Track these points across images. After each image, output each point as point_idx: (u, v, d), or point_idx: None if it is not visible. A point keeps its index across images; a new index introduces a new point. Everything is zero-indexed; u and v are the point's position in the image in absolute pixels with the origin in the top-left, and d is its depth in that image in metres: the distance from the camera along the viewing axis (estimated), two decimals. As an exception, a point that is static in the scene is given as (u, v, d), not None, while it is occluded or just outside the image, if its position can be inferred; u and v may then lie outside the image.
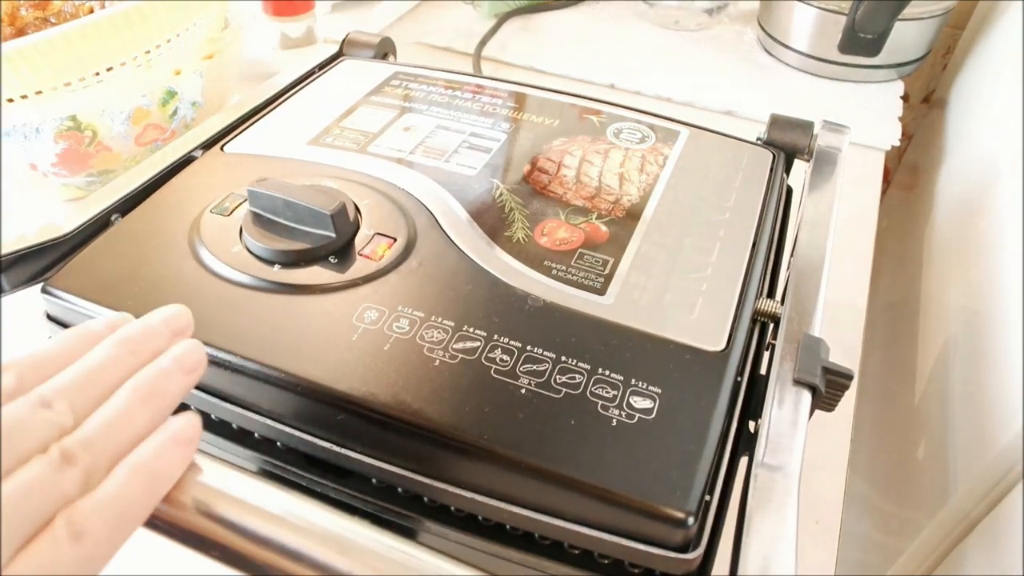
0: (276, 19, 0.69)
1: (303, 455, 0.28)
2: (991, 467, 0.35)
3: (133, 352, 0.23)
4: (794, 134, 0.42)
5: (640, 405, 0.26)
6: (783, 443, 0.26)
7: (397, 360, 0.27)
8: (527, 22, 0.78)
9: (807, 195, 0.38)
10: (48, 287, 0.31)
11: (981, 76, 0.64)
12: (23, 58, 0.41)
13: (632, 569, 0.25)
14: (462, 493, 0.25)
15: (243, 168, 0.38)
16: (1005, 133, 0.49)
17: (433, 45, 0.73)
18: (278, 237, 0.31)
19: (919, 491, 0.45)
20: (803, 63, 0.70)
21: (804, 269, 0.33)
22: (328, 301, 0.30)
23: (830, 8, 0.65)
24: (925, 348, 0.52)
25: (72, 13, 0.51)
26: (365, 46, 0.50)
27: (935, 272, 0.55)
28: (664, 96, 0.66)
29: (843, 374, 0.28)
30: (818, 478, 0.38)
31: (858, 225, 0.54)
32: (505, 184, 0.37)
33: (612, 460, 0.24)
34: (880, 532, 0.51)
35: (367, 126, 0.41)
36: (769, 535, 0.23)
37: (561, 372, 0.27)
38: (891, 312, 0.64)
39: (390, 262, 0.31)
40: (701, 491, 0.24)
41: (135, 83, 0.46)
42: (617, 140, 0.41)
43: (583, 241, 0.33)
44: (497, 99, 0.44)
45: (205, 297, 0.30)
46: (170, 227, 0.33)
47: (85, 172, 0.49)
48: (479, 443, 0.25)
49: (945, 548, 0.39)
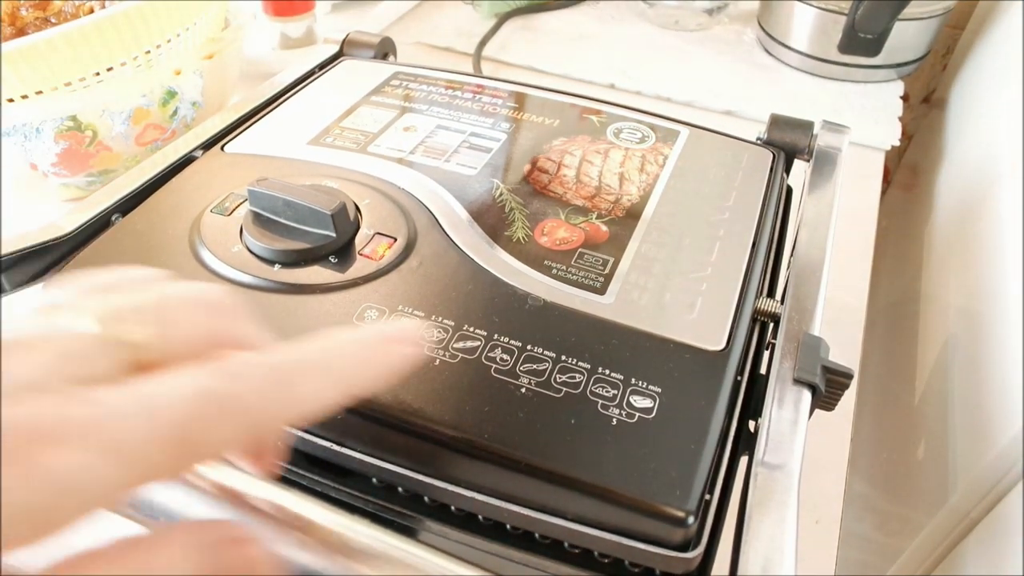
0: (276, 19, 0.69)
1: (303, 454, 0.28)
2: (991, 467, 0.35)
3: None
4: (794, 134, 0.42)
5: (640, 404, 0.26)
6: (783, 442, 0.26)
7: (397, 360, 0.27)
8: (527, 22, 0.78)
9: (807, 195, 0.38)
10: (49, 287, 0.31)
11: (981, 76, 0.64)
12: (23, 58, 0.41)
13: (632, 568, 0.25)
14: (462, 492, 0.25)
15: (243, 168, 0.38)
16: (1005, 133, 0.49)
17: (433, 45, 0.73)
18: (278, 237, 0.32)
19: (919, 491, 0.45)
20: (803, 63, 0.70)
21: (804, 269, 0.33)
22: (328, 301, 0.30)
23: (830, 8, 0.65)
24: (925, 348, 0.52)
25: (72, 13, 0.51)
26: (365, 46, 0.50)
27: (935, 272, 0.55)
28: (664, 96, 0.66)
29: (843, 373, 0.28)
30: (818, 478, 0.38)
31: (858, 225, 0.54)
32: (505, 184, 0.37)
33: (612, 459, 0.24)
34: (880, 532, 0.51)
35: (367, 126, 0.41)
36: (769, 535, 0.23)
37: (561, 371, 0.27)
38: (891, 312, 0.64)
39: (390, 262, 0.31)
40: (701, 490, 0.24)
41: (135, 83, 0.46)
42: (617, 140, 0.41)
43: (583, 241, 0.33)
44: (497, 99, 0.44)
45: (205, 297, 0.30)
46: (170, 227, 0.33)
47: (85, 172, 0.49)
48: (479, 442, 0.25)
49: (945, 548, 0.39)
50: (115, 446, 0.14)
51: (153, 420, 0.15)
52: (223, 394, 0.16)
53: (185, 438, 0.15)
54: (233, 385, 0.16)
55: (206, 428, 0.16)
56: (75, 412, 0.14)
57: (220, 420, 0.16)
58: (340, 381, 0.19)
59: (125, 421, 0.15)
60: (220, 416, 0.16)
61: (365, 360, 0.19)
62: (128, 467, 0.15)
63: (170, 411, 0.15)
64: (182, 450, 0.15)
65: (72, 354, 0.16)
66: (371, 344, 0.20)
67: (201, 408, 0.16)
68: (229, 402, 0.16)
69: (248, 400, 0.16)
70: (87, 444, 0.14)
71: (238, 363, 0.17)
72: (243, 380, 0.17)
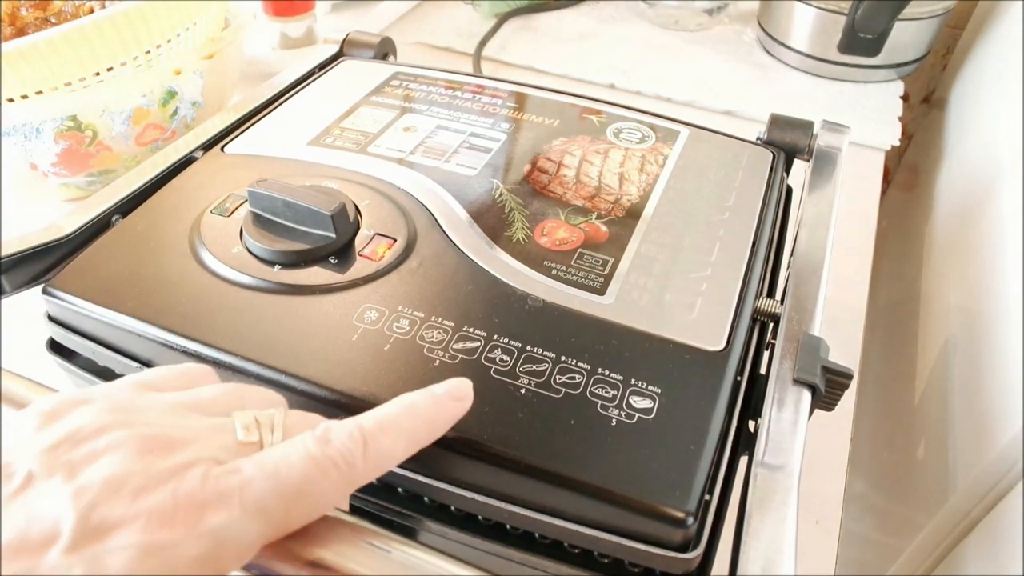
0: (276, 19, 0.69)
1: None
2: (991, 467, 0.35)
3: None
4: (794, 134, 0.42)
5: (640, 405, 0.26)
6: (783, 442, 0.26)
7: (397, 360, 0.27)
8: (527, 22, 0.78)
9: (807, 195, 0.38)
10: (49, 288, 0.31)
11: (981, 76, 0.64)
12: (23, 58, 0.41)
13: (632, 568, 0.25)
14: (462, 493, 0.25)
15: (243, 169, 0.38)
16: (1005, 133, 0.49)
17: (433, 45, 0.73)
18: (278, 238, 0.32)
19: (919, 491, 0.45)
20: (803, 63, 0.70)
21: (804, 269, 0.33)
22: (328, 301, 0.30)
23: (830, 8, 0.65)
24: (925, 348, 0.52)
25: (72, 13, 0.51)
26: (365, 46, 0.50)
27: (935, 272, 0.55)
28: (664, 96, 0.66)
29: (843, 373, 0.28)
30: (818, 478, 0.38)
31: (858, 225, 0.54)
32: (505, 184, 0.37)
33: (612, 460, 0.24)
34: (880, 532, 0.51)
35: (367, 126, 0.41)
36: (769, 535, 0.23)
37: (561, 372, 0.27)
38: (891, 312, 0.64)
39: (390, 262, 0.31)
40: (701, 491, 0.24)
41: (135, 83, 0.46)
42: (617, 140, 0.41)
43: (583, 241, 0.33)
44: (497, 99, 0.44)
45: (205, 298, 0.30)
46: (171, 228, 0.33)
47: (85, 172, 0.49)
48: (479, 443, 0.25)
49: (945, 548, 0.39)
50: (255, 507, 0.19)
51: (278, 482, 0.19)
52: (319, 456, 0.20)
53: (301, 493, 0.20)
54: (327, 449, 0.21)
55: (313, 484, 0.20)
56: (224, 482, 0.19)
57: (324, 479, 0.20)
58: (411, 441, 0.23)
59: (259, 484, 0.19)
60: (323, 475, 0.20)
61: (429, 421, 0.23)
62: (264, 521, 0.19)
63: (288, 472, 0.20)
64: (301, 505, 0.20)
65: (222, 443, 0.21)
66: (432, 405, 0.23)
67: (309, 470, 0.20)
68: (326, 462, 0.20)
69: (338, 460, 0.21)
70: (233, 504, 0.19)
71: (327, 430, 0.21)
72: (332, 444, 0.21)
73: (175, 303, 0.29)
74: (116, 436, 0.19)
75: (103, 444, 0.19)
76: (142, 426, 0.20)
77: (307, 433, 0.21)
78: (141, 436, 0.20)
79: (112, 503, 0.18)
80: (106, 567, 0.17)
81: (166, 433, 0.20)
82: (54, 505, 0.18)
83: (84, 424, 0.20)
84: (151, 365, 0.30)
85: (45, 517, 0.17)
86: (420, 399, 0.23)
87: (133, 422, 0.20)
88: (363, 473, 0.21)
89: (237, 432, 0.21)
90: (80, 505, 0.17)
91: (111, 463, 0.19)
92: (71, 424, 0.20)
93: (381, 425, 0.22)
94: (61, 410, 0.20)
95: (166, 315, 0.29)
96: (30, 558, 0.17)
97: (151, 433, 0.20)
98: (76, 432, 0.19)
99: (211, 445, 0.20)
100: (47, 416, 0.20)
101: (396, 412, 0.23)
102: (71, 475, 0.18)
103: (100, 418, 0.20)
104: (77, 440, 0.19)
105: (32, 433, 0.20)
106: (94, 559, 0.17)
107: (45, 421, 0.20)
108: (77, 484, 0.18)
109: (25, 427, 0.20)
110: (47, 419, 0.20)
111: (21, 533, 0.17)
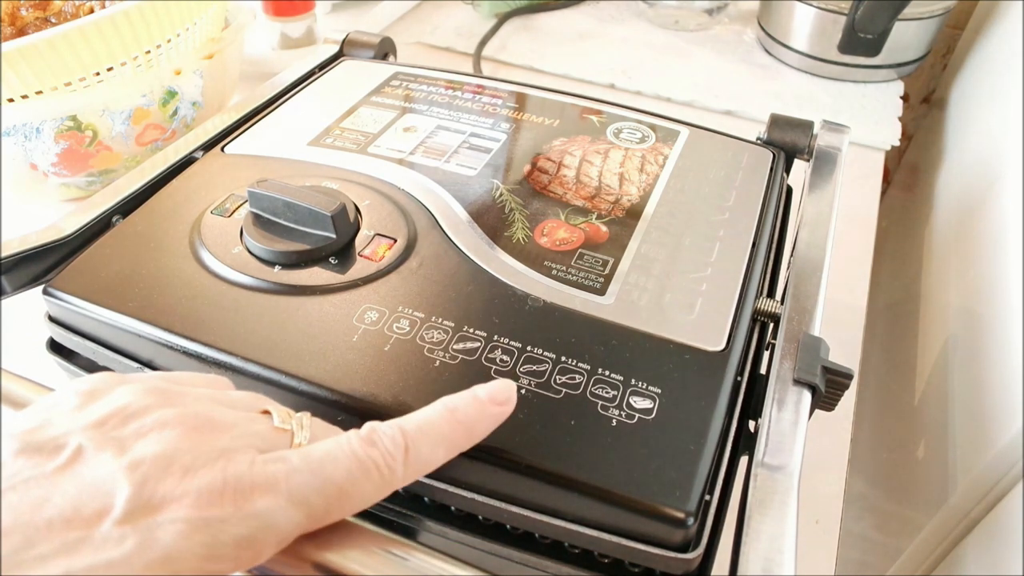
0: (276, 19, 0.69)
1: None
2: (991, 467, 0.35)
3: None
4: (794, 134, 0.42)
5: (640, 405, 0.26)
6: (783, 443, 0.26)
7: (398, 361, 0.27)
8: (527, 22, 0.78)
9: (807, 195, 0.38)
10: (49, 289, 0.31)
11: (981, 76, 0.64)
12: (23, 58, 0.41)
13: (632, 568, 0.25)
14: (462, 493, 0.25)
15: (244, 169, 0.38)
16: (1005, 133, 0.49)
17: (433, 45, 0.73)
18: (278, 238, 0.32)
19: (919, 491, 0.45)
20: (803, 63, 0.70)
21: (804, 269, 0.33)
22: (328, 302, 0.30)
23: (830, 8, 0.65)
24: (925, 348, 0.52)
25: (72, 13, 0.51)
26: (365, 46, 0.50)
27: (935, 272, 0.55)
28: (664, 96, 0.66)
29: (843, 373, 0.28)
30: (818, 478, 0.38)
31: (858, 225, 0.54)
32: (505, 184, 0.37)
33: (612, 460, 0.24)
34: (880, 532, 0.51)
35: (367, 126, 0.41)
36: (769, 535, 0.23)
37: (561, 372, 0.27)
38: (891, 312, 0.64)
39: (390, 263, 0.31)
40: (701, 491, 0.24)
41: (135, 83, 0.46)
42: (617, 140, 0.41)
43: (583, 241, 0.33)
44: (497, 99, 0.44)
45: (206, 298, 0.30)
46: (171, 228, 0.33)
47: (85, 172, 0.49)
48: (479, 443, 0.25)
49: (945, 548, 0.39)
50: (299, 496, 0.19)
51: (322, 476, 0.20)
52: (364, 457, 0.21)
53: (342, 491, 0.20)
54: (371, 451, 0.21)
55: (355, 484, 0.21)
56: (271, 468, 0.19)
57: (366, 480, 0.21)
58: (450, 448, 0.23)
59: (304, 475, 0.20)
60: (365, 476, 0.21)
61: (469, 427, 0.23)
62: (306, 512, 0.20)
63: (333, 468, 0.20)
64: (340, 502, 0.20)
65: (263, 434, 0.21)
66: (473, 410, 0.23)
67: (352, 469, 0.20)
68: (369, 464, 0.21)
69: (380, 464, 0.21)
70: (280, 490, 0.19)
71: (370, 431, 0.22)
72: (376, 447, 0.21)
73: (175, 303, 0.29)
74: (162, 415, 0.20)
75: (150, 422, 0.20)
76: (185, 407, 0.21)
77: (352, 432, 0.22)
78: (186, 415, 0.20)
79: (163, 479, 0.18)
80: (156, 539, 0.17)
81: (209, 415, 0.21)
82: (107, 478, 0.18)
83: (129, 402, 0.20)
84: (151, 365, 0.30)
85: (98, 490, 0.18)
86: (461, 403, 0.23)
87: (176, 403, 0.21)
88: (402, 479, 0.22)
89: (274, 418, 0.22)
90: (135, 478, 0.18)
91: (160, 440, 0.19)
92: (115, 402, 0.20)
93: (422, 430, 0.22)
94: (103, 388, 0.21)
95: (166, 315, 0.29)
96: (83, 529, 0.17)
97: (195, 413, 0.20)
98: (122, 409, 0.20)
99: (250, 431, 0.21)
100: (87, 395, 0.21)
101: (437, 417, 0.23)
102: (122, 450, 0.19)
103: (144, 398, 0.21)
104: (124, 416, 0.20)
105: (73, 411, 0.20)
106: (146, 530, 0.17)
107: (87, 400, 0.20)
108: (129, 458, 0.19)
109: (63, 405, 0.20)
110: (88, 398, 0.21)
111: (74, 505, 0.17)
